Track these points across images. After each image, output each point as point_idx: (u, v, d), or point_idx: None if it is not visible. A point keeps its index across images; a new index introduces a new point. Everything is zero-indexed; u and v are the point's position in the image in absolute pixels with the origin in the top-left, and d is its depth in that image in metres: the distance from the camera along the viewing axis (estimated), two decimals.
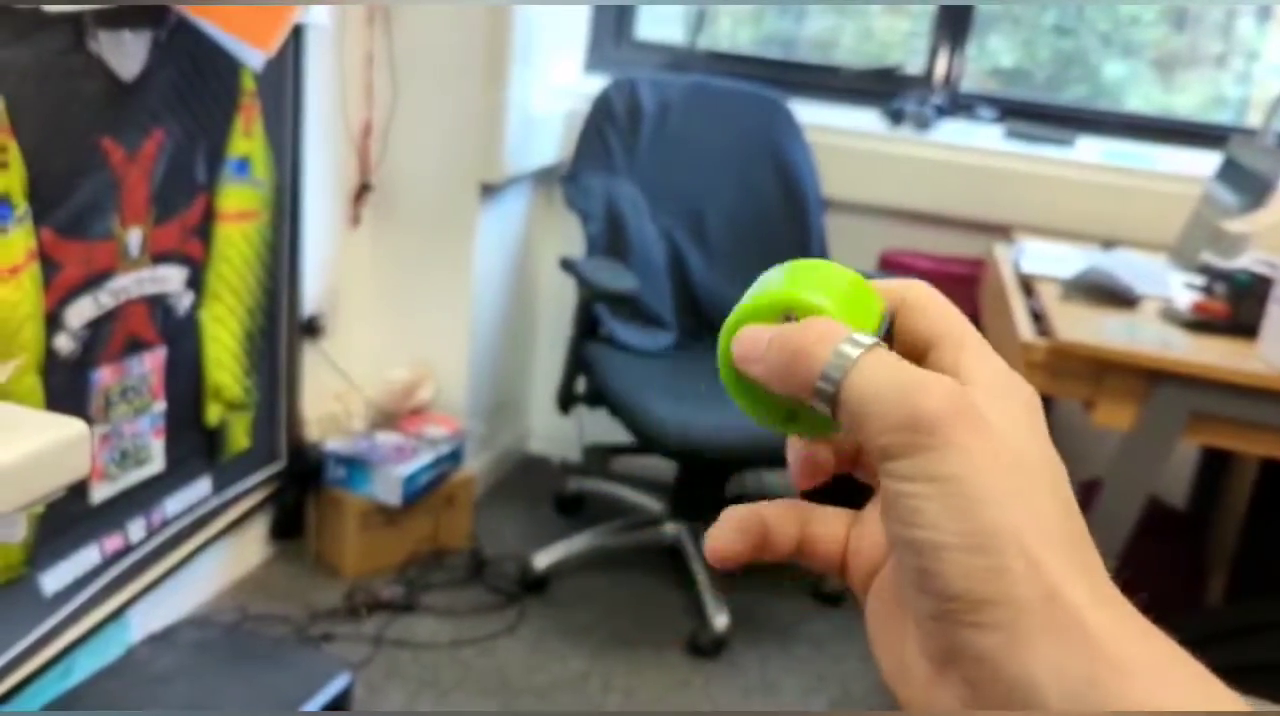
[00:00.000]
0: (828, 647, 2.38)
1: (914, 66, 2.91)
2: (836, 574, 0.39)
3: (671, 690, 2.22)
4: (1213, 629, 2.14)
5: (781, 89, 2.72)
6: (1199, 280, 2.00)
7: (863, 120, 2.78)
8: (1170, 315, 1.91)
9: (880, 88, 2.87)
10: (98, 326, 1.79)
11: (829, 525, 0.39)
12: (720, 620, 2.34)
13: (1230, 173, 2.29)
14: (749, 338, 0.36)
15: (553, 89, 2.76)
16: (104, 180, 1.74)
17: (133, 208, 1.82)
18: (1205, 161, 2.43)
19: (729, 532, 0.39)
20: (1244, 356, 1.75)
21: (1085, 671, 0.30)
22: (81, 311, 1.75)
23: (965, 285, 2.51)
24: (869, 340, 0.33)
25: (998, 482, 0.31)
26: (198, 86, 1.92)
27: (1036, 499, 0.32)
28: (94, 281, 1.76)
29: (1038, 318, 1.92)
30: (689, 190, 2.65)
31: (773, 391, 0.36)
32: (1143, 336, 1.80)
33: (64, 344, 1.72)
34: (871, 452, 0.33)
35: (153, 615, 2.02)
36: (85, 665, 1.83)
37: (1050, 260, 2.19)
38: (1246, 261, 1.95)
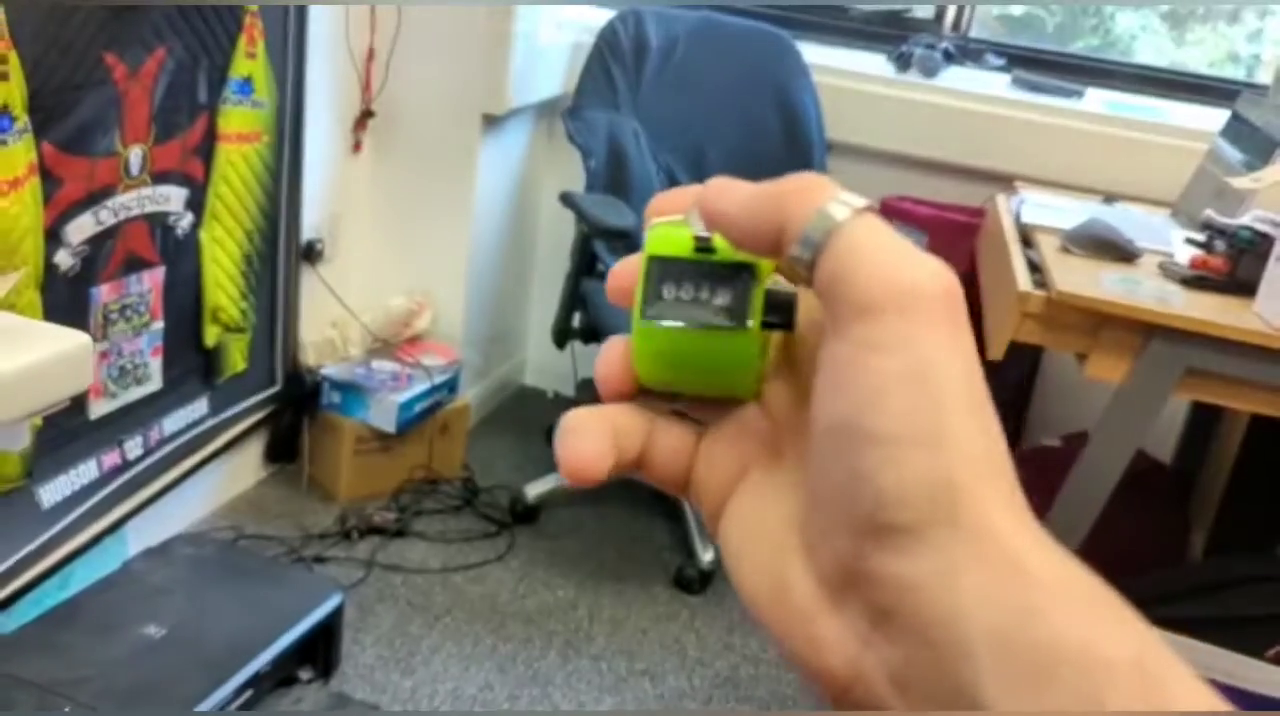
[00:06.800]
0: None
1: (925, 10, 2.88)
2: (675, 491, 0.35)
3: (657, 622, 2.25)
4: (1193, 582, 2.17)
5: (790, 28, 2.69)
6: (1200, 236, 1.99)
7: (870, 63, 2.76)
8: (1169, 270, 1.91)
9: (889, 31, 2.84)
10: (97, 243, 1.79)
11: (673, 439, 0.34)
12: (707, 556, 2.37)
13: (1237, 129, 2.28)
14: (722, 186, 0.32)
15: (560, 20, 2.73)
16: (106, 96, 1.73)
17: (134, 125, 1.81)
18: (1214, 117, 2.41)
19: (598, 445, 0.33)
20: (1240, 313, 1.75)
21: (1020, 602, 0.26)
22: (82, 228, 1.74)
23: (965, 234, 2.50)
24: (861, 202, 0.30)
25: (962, 385, 0.28)
26: (200, 4, 1.89)
27: (984, 413, 0.28)
28: (95, 198, 1.76)
29: (1036, 268, 1.92)
30: (692, 127, 2.63)
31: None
32: (1140, 290, 1.80)
33: (64, 260, 1.72)
34: (842, 315, 0.28)
35: (149, 531, 2.05)
36: (83, 576, 1.86)
37: (1051, 211, 2.18)
38: (1249, 219, 1.95)
